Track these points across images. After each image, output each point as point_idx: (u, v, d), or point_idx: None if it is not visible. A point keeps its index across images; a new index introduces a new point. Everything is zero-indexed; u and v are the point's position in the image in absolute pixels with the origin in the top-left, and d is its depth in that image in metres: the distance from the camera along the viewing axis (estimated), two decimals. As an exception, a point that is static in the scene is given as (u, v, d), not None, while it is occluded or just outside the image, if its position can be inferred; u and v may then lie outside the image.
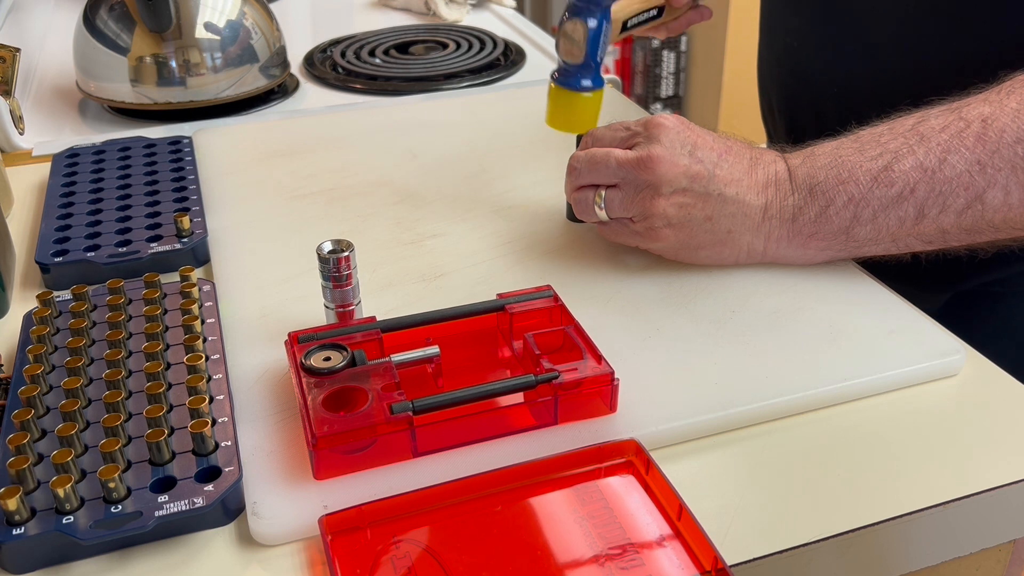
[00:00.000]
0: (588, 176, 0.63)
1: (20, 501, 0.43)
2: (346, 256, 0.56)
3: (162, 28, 0.93)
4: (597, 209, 0.63)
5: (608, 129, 0.65)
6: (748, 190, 0.61)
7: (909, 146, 0.58)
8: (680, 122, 0.62)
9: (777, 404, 0.53)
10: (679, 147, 0.60)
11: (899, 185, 0.58)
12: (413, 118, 0.93)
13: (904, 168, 0.58)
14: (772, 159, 0.62)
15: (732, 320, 0.60)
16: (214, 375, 0.54)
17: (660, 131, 0.61)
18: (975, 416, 0.54)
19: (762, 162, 0.62)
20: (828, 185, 0.60)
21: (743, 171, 0.61)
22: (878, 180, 0.59)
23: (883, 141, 0.60)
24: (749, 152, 0.63)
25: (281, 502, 0.47)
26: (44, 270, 0.66)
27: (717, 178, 0.60)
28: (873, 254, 0.62)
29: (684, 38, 2.87)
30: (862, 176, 0.59)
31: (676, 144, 0.60)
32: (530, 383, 0.50)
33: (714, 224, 0.61)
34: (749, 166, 0.62)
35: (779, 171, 0.62)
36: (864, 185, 0.59)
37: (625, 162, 0.61)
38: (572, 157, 0.65)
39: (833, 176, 0.60)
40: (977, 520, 0.50)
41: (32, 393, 0.50)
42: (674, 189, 0.60)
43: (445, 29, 1.28)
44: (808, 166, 0.61)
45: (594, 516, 0.46)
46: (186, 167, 0.80)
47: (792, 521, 0.47)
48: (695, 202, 0.60)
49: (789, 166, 0.62)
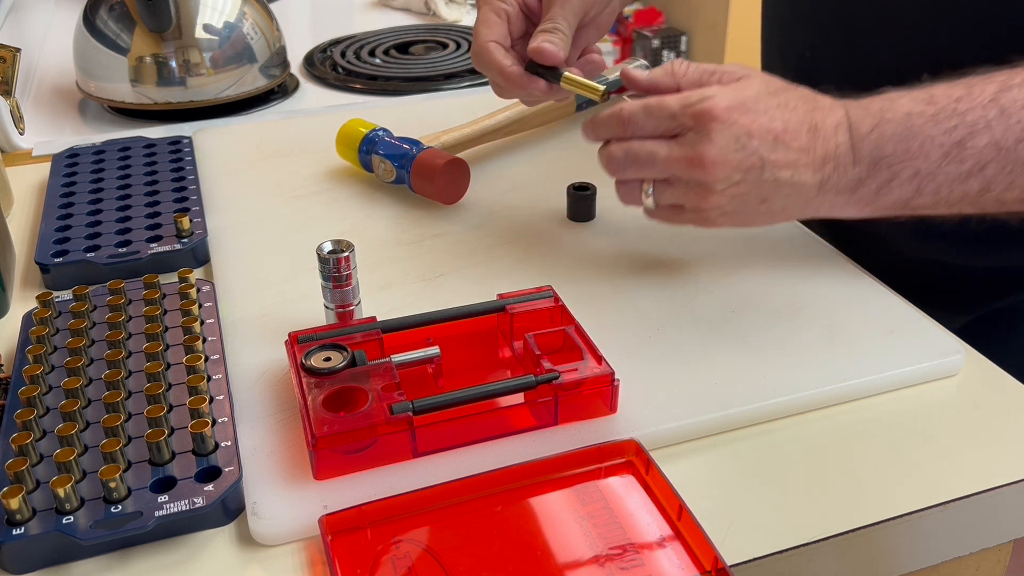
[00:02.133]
0: (632, 172, 0.59)
1: (23, 500, 0.43)
2: (346, 256, 0.56)
3: (162, 28, 0.93)
4: (645, 197, 0.60)
5: (647, 115, 0.58)
6: (805, 169, 0.57)
7: (987, 120, 0.55)
8: (731, 108, 0.56)
9: (777, 404, 0.53)
10: (732, 142, 0.56)
11: (970, 163, 0.55)
12: (413, 118, 0.93)
13: (979, 145, 0.55)
14: (834, 126, 0.57)
15: (732, 320, 0.60)
16: (214, 375, 0.54)
17: (710, 125, 0.56)
18: (975, 416, 0.54)
19: (823, 132, 0.57)
20: (895, 159, 0.56)
21: (800, 149, 0.57)
22: (949, 156, 0.55)
23: (960, 110, 0.56)
24: (809, 120, 0.57)
25: (281, 502, 0.47)
26: (44, 270, 0.66)
27: (772, 164, 0.56)
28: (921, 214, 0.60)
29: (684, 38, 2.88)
30: (933, 151, 0.56)
31: (729, 138, 0.56)
32: (530, 383, 0.50)
33: (768, 205, 0.58)
34: (808, 141, 0.57)
35: (840, 143, 0.57)
36: (934, 161, 0.56)
37: (673, 161, 0.57)
38: (606, 152, 0.60)
39: (902, 149, 0.56)
40: (977, 520, 0.50)
41: (32, 393, 0.50)
42: (727, 185, 0.57)
43: (445, 29, 1.28)
44: (876, 136, 0.56)
45: (594, 516, 0.46)
46: (186, 167, 0.80)
47: (792, 521, 0.47)
48: (749, 191, 0.57)
49: (853, 136, 0.57)
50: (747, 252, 0.68)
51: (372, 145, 0.78)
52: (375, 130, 0.79)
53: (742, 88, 0.57)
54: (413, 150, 0.75)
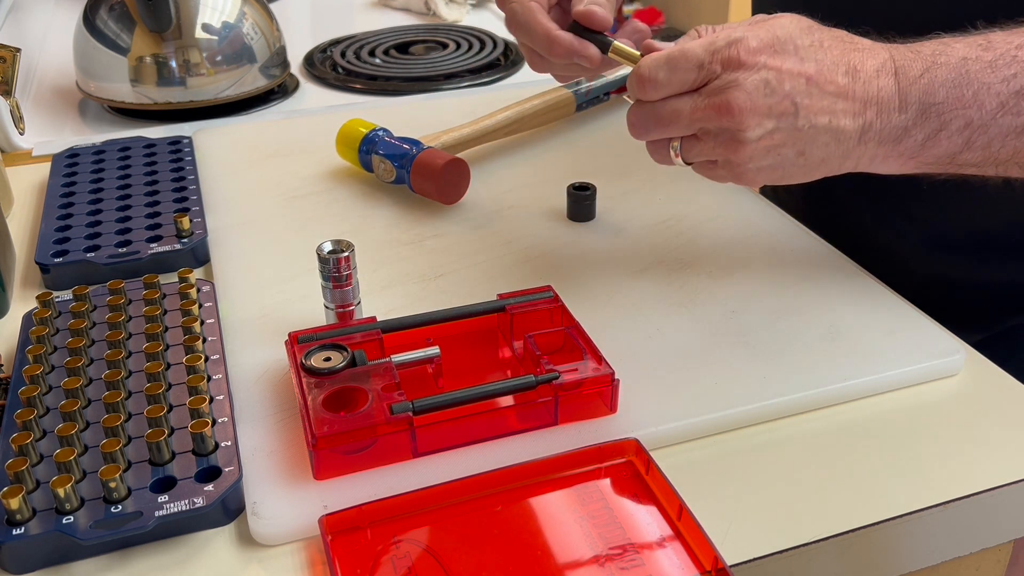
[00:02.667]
0: (656, 132, 0.55)
1: (23, 501, 0.43)
2: (346, 256, 0.56)
3: (162, 28, 0.93)
4: (673, 156, 0.56)
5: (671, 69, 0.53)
6: (843, 114, 0.53)
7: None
8: (758, 49, 0.52)
9: (777, 404, 0.53)
10: (761, 86, 0.51)
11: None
12: (413, 118, 0.92)
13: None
14: (876, 69, 0.53)
15: (732, 320, 0.60)
16: (214, 375, 0.54)
17: (737, 69, 0.52)
18: (975, 416, 0.54)
19: (863, 74, 0.53)
20: (947, 107, 0.52)
21: (837, 91, 0.52)
22: (1006, 107, 0.52)
23: (1021, 58, 0.52)
24: (846, 61, 0.53)
25: (281, 502, 0.47)
26: (44, 270, 0.66)
27: (805, 109, 0.52)
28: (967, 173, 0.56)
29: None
30: (989, 100, 0.52)
31: (757, 83, 0.51)
32: (530, 384, 0.50)
33: (807, 158, 0.54)
34: (848, 82, 0.52)
35: (883, 87, 0.53)
36: (989, 111, 0.52)
37: (698, 112, 0.53)
38: (630, 112, 0.56)
39: (955, 96, 0.52)
40: (977, 520, 0.50)
41: (32, 393, 0.50)
42: (760, 134, 0.52)
43: (445, 29, 1.28)
44: (927, 80, 0.52)
45: (594, 516, 0.46)
46: (186, 167, 0.80)
47: (792, 521, 0.47)
48: (784, 140, 0.53)
49: (900, 80, 0.53)
50: (747, 252, 0.68)
51: (372, 145, 0.78)
52: (375, 130, 0.79)
53: (771, 27, 0.53)
54: (413, 150, 0.75)
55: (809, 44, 0.52)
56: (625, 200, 0.76)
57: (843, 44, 0.53)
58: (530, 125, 0.87)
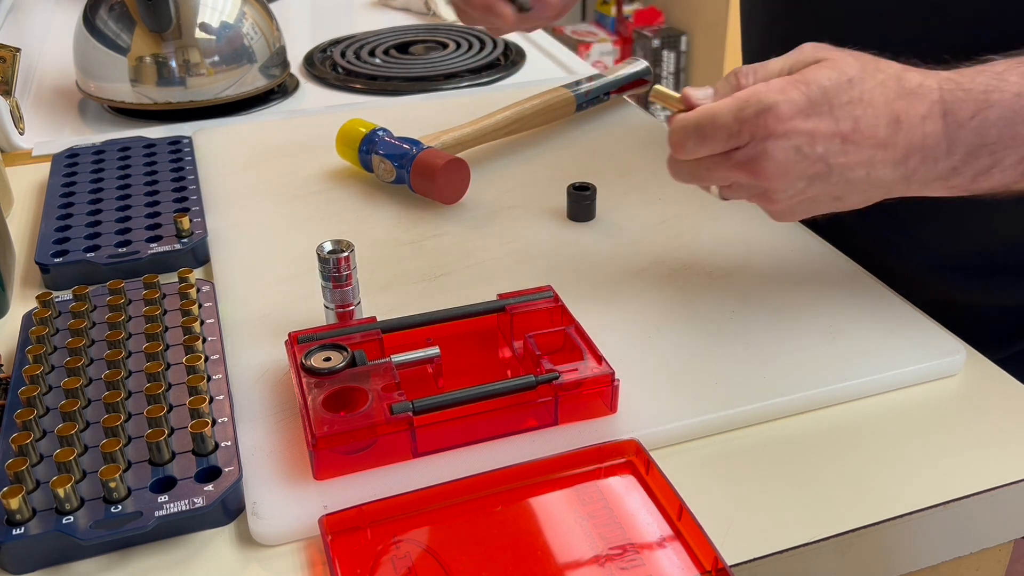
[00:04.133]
0: (693, 181, 0.55)
1: (23, 501, 0.43)
2: (346, 256, 0.56)
3: (162, 28, 0.93)
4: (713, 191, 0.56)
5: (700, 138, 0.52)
6: (883, 165, 0.51)
7: None
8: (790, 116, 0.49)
9: (777, 404, 0.53)
10: (792, 153, 0.50)
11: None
12: (413, 118, 0.92)
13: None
14: (922, 115, 0.50)
15: (732, 320, 0.60)
16: (214, 375, 0.54)
17: (767, 139, 0.50)
18: (975, 416, 0.54)
19: (906, 123, 0.50)
20: (1000, 146, 0.50)
21: (877, 145, 0.50)
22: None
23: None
24: (890, 111, 0.50)
25: (281, 502, 0.47)
26: (44, 270, 0.66)
27: (840, 167, 0.51)
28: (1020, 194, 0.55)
29: (684, 38, 2.87)
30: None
31: (788, 150, 0.50)
32: (530, 384, 0.50)
33: (844, 202, 0.53)
34: (889, 135, 0.50)
35: (930, 134, 0.50)
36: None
37: (730, 174, 0.52)
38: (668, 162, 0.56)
39: (1008, 135, 0.50)
40: (977, 520, 0.50)
41: (32, 393, 0.50)
42: (791, 193, 0.52)
43: (445, 29, 1.28)
44: (978, 122, 0.50)
45: (594, 516, 0.46)
46: (186, 167, 0.80)
47: (792, 521, 0.47)
48: (818, 194, 0.52)
49: (948, 124, 0.50)
50: (747, 252, 0.68)
51: (372, 145, 0.78)
52: (375, 130, 0.79)
53: (807, 83, 0.50)
54: (413, 150, 0.75)
55: (847, 100, 0.50)
56: (625, 200, 0.76)
57: (887, 91, 0.50)
58: (530, 125, 0.87)
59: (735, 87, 0.53)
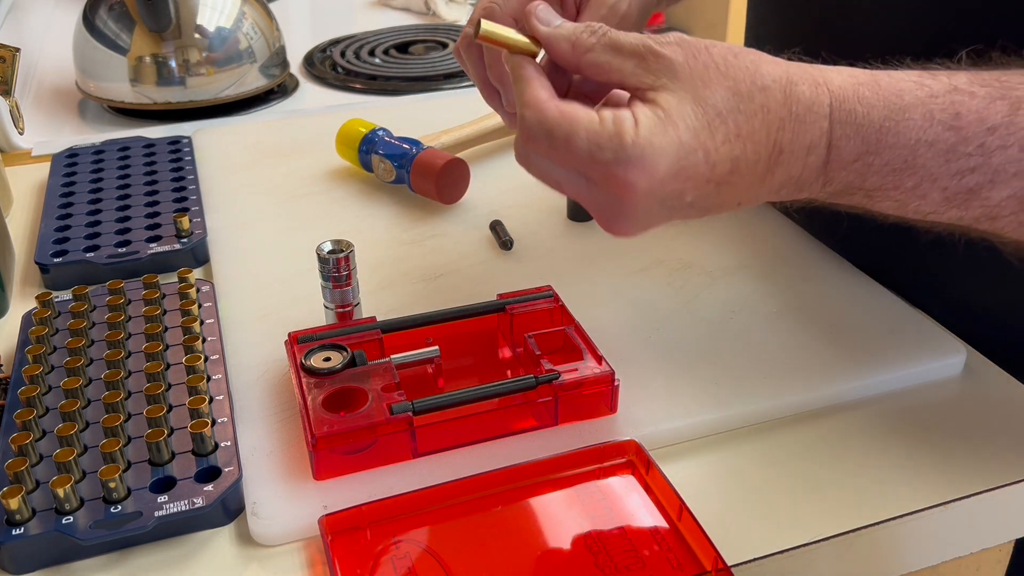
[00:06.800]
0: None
1: (22, 501, 0.43)
2: (346, 256, 0.56)
3: (162, 28, 0.93)
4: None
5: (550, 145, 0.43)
6: (755, 195, 0.45)
7: (1020, 166, 0.42)
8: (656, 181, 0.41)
9: (777, 404, 0.53)
10: (656, 206, 0.43)
11: (978, 212, 0.44)
12: (413, 118, 0.92)
13: (996, 198, 0.43)
14: (807, 147, 0.43)
15: (732, 320, 0.60)
16: (214, 375, 0.54)
17: (624, 199, 0.43)
18: (975, 416, 0.54)
19: (787, 155, 0.43)
20: (879, 192, 0.44)
21: (756, 178, 0.44)
22: (951, 201, 0.44)
23: (989, 147, 0.42)
24: (771, 143, 0.43)
25: (281, 502, 0.47)
26: (43, 270, 0.66)
27: (709, 207, 0.45)
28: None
29: (684, 38, 2.87)
30: (933, 193, 0.43)
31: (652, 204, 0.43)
32: (530, 384, 0.50)
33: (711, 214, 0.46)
34: (768, 167, 0.43)
35: (810, 165, 0.44)
36: (931, 201, 0.44)
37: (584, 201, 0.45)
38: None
39: (891, 184, 0.44)
40: (977, 520, 0.50)
41: (32, 393, 0.50)
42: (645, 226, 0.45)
43: (445, 29, 1.28)
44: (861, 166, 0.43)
45: (594, 516, 0.46)
46: (185, 167, 0.80)
47: (792, 521, 0.47)
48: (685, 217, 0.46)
49: (830, 160, 0.44)
50: (747, 252, 0.68)
51: (372, 145, 0.78)
52: (375, 130, 0.79)
53: (676, 128, 0.41)
54: (413, 150, 0.75)
55: (723, 139, 0.42)
56: (625, 200, 0.76)
57: (769, 118, 0.42)
58: (530, 125, 0.86)
59: (571, 42, 0.45)
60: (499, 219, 0.72)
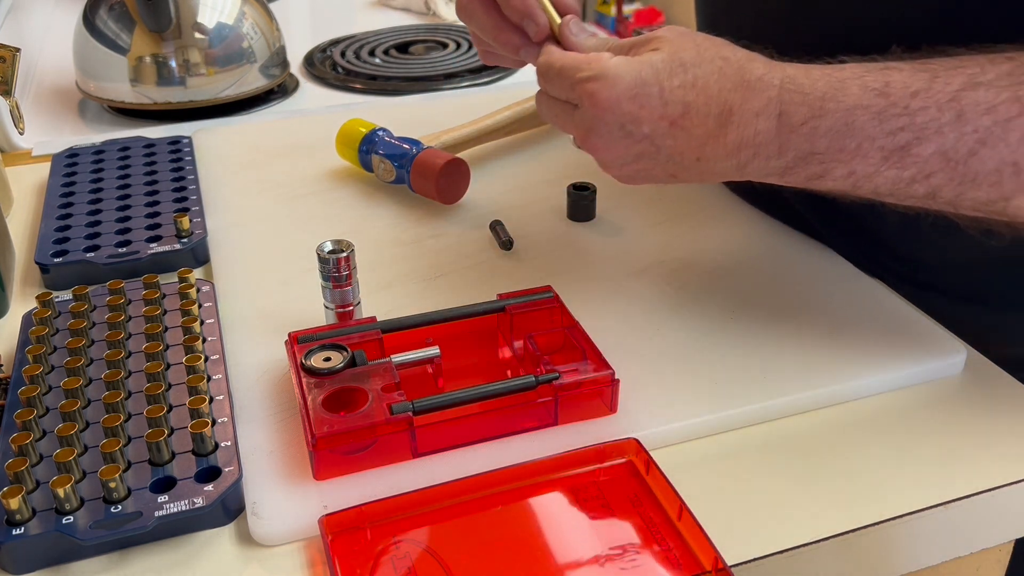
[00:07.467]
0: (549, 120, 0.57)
1: (22, 501, 0.43)
2: (346, 256, 0.56)
3: (162, 28, 0.93)
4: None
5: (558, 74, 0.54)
6: (713, 153, 0.51)
7: (939, 125, 0.47)
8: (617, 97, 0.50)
9: (777, 404, 0.53)
10: (616, 129, 0.51)
11: (913, 170, 0.49)
12: (413, 118, 0.92)
13: (924, 154, 0.48)
14: (756, 111, 0.50)
15: (732, 320, 0.60)
16: (214, 375, 0.54)
17: (592, 112, 0.51)
18: (975, 416, 0.54)
19: (737, 117, 0.50)
20: (828, 156, 0.50)
21: (706, 134, 0.50)
22: (889, 160, 0.49)
23: (912, 108, 0.48)
24: (721, 102, 0.50)
25: (281, 502, 0.47)
26: (44, 270, 0.66)
27: (668, 149, 0.51)
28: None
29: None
30: (872, 153, 0.49)
31: (612, 126, 0.51)
32: (530, 384, 0.50)
33: (681, 178, 0.54)
34: (716, 126, 0.50)
35: (761, 131, 0.50)
36: (872, 163, 0.49)
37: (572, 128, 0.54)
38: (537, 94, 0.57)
39: (836, 148, 0.49)
40: (977, 520, 0.50)
41: (32, 393, 0.50)
42: (622, 164, 0.53)
43: (445, 29, 1.28)
44: (809, 129, 0.49)
45: (594, 516, 0.46)
46: (186, 167, 0.80)
47: (792, 521, 0.47)
48: (650, 168, 0.53)
49: (781, 125, 0.50)
50: (747, 252, 0.68)
51: (372, 145, 0.78)
52: (375, 130, 0.79)
53: (642, 64, 0.50)
54: (413, 150, 0.75)
55: (679, 84, 0.50)
56: (625, 200, 0.76)
57: (723, 79, 0.50)
58: (530, 125, 0.87)
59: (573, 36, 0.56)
60: (499, 219, 0.72)
